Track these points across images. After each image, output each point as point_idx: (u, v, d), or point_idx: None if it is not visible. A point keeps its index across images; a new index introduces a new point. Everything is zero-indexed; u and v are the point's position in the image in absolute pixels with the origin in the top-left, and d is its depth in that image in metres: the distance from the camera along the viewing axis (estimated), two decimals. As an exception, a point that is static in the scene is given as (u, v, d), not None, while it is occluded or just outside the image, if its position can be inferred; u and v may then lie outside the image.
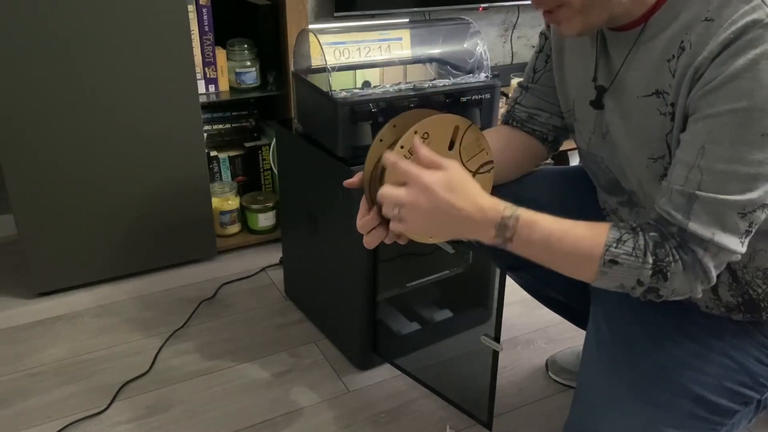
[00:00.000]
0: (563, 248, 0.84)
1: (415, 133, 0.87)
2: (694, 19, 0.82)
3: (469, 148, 0.91)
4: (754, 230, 0.81)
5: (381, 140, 0.91)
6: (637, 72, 0.90)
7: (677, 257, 0.81)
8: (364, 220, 0.92)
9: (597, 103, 0.97)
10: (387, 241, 0.94)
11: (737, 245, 0.81)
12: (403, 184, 0.84)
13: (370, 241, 0.94)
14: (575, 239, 0.84)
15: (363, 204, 0.94)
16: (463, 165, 0.90)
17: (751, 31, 0.76)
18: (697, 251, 0.80)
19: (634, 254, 0.81)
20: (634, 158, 0.93)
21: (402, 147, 0.87)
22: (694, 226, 0.80)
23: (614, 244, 0.82)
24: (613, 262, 0.82)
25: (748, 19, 0.76)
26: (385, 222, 0.91)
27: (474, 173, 0.92)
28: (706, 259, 0.81)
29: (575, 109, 1.05)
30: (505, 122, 1.19)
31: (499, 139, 1.15)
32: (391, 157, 0.86)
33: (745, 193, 0.78)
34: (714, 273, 0.82)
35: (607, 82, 0.95)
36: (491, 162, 0.93)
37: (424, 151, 0.85)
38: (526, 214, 0.84)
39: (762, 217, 0.80)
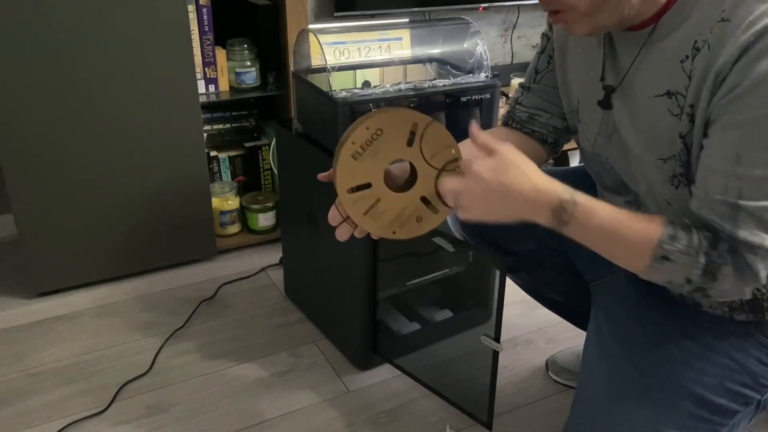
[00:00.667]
0: (617, 239, 0.84)
1: (367, 129, 0.87)
2: (708, 19, 0.81)
3: (433, 145, 0.90)
4: None
5: (347, 138, 0.91)
6: (647, 72, 0.89)
7: (729, 260, 0.81)
8: (333, 212, 0.94)
9: (605, 103, 0.97)
10: (357, 235, 0.94)
11: None
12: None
13: (340, 234, 0.95)
14: (631, 230, 0.83)
15: (337, 200, 0.94)
16: (426, 162, 0.90)
17: None
18: (748, 256, 0.81)
19: (687, 253, 0.81)
20: (643, 158, 0.92)
21: (353, 143, 0.87)
22: (744, 234, 0.80)
23: (668, 241, 0.82)
24: (665, 258, 0.82)
25: (767, 21, 0.75)
26: (351, 221, 0.93)
27: (440, 170, 0.91)
28: (756, 262, 0.81)
29: (579, 110, 1.05)
30: (505, 123, 1.19)
31: (499, 140, 1.15)
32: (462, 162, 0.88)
33: None
34: (763, 276, 0.82)
35: (615, 81, 0.95)
36: (458, 159, 0.92)
37: (482, 138, 0.87)
38: (583, 199, 0.84)
39: None
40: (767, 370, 0.95)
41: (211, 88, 1.91)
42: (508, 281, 1.24)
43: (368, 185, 0.89)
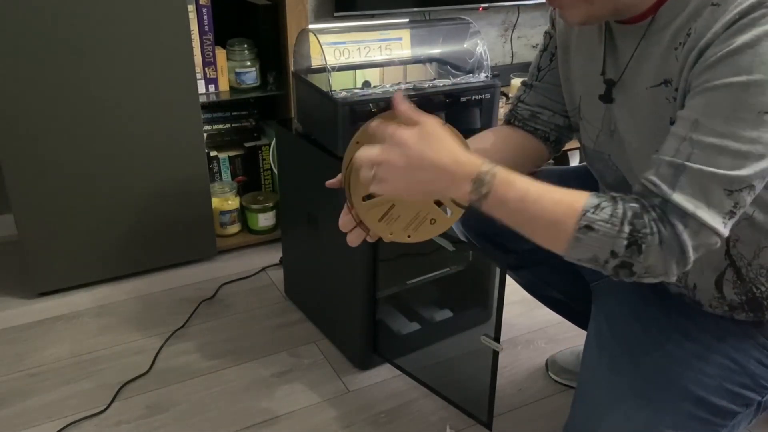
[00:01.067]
0: (538, 209, 0.81)
1: (357, 143, 0.88)
2: (702, 7, 0.81)
3: None
4: (738, 214, 0.79)
5: (357, 142, 0.91)
6: (646, 64, 0.89)
7: (655, 230, 0.78)
8: (344, 219, 0.93)
9: (606, 97, 0.97)
10: (369, 240, 0.94)
11: (719, 224, 0.77)
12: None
13: (352, 240, 0.94)
14: (552, 201, 0.81)
15: (346, 203, 0.94)
16: None
17: (755, 11, 0.75)
18: (677, 225, 0.77)
19: (610, 222, 0.78)
20: (642, 153, 0.92)
21: (357, 143, 0.88)
22: (678, 197, 0.77)
23: (591, 210, 0.79)
24: (589, 228, 0.79)
25: (754, 0, 0.76)
26: (365, 227, 0.92)
27: None
28: (685, 235, 0.77)
29: (581, 107, 1.05)
30: (507, 122, 1.19)
31: (499, 139, 1.15)
32: (371, 124, 0.85)
33: (734, 169, 0.76)
34: (691, 253, 0.78)
35: (615, 75, 0.95)
36: None
37: (403, 107, 0.84)
38: (504, 171, 0.81)
39: (748, 200, 0.78)
40: (767, 371, 0.95)
41: (211, 88, 1.91)
42: (509, 281, 1.24)
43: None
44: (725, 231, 0.78)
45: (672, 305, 1.01)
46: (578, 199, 0.80)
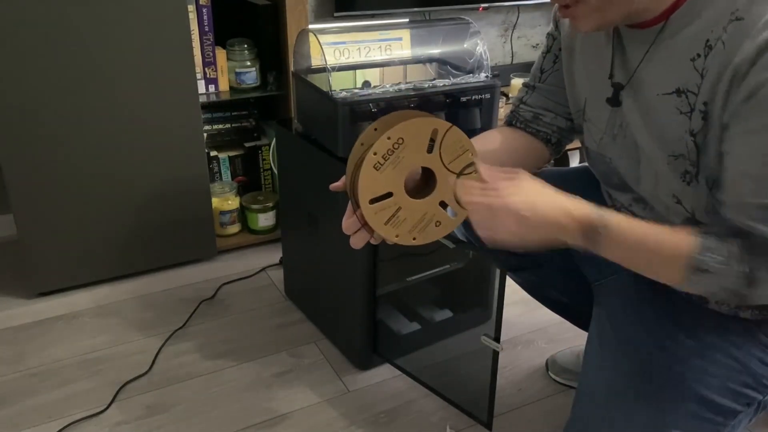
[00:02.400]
0: (650, 256, 0.84)
1: (388, 138, 0.86)
2: (720, 17, 0.81)
3: (451, 149, 0.89)
4: None
5: (362, 144, 0.91)
6: (656, 70, 0.89)
7: (764, 263, 0.79)
8: (348, 221, 0.93)
9: (614, 100, 0.97)
10: (373, 242, 0.94)
11: None
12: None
13: (355, 242, 0.94)
14: (662, 247, 0.83)
15: (349, 206, 0.94)
16: (446, 167, 0.90)
17: None
18: None
19: (723, 262, 0.80)
20: (654, 155, 0.92)
21: (375, 153, 0.86)
22: None
23: (702, 252, 0.81)
24: (701, 270, 0.81)
25: None
26: (367, 223, 0.92)
27: (458, 174, 0.91)
28: None
29: (586, 109, 1.05)
30: (509, 123, 1.19)
31: (500, 140, 1.15)
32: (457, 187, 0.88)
33: None
34: None
35: (624, 79, 0.95)
36: (476, 162, 0.93)
37: (486, 172, 0.86)
38: (613, 218, 0.83)
39: None
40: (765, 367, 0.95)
41: (211, 88, 1.91)
42: (509, 281, 1.24)
43: (389, 194, 0.88)
44: None
45: (674, 305, 1.01)
46: (687, 241, 0.82)
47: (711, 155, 0.85)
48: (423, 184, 0.92)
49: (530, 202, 0.83)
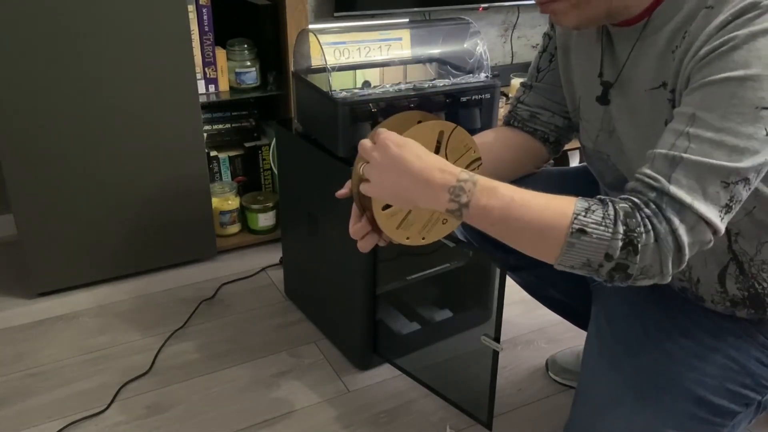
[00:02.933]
0: (526, 217, 0.78)
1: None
2: (696, 9, 0.82)
3: (456, 149, 0.90)
4: (734, 210, 0.78)
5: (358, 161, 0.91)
6: (643, 66, 0.90)
7: (649, 227, 0.76)
8: (356, 226, 0.93)
9: (603, 99, 0.97)
10: (381, 245, 0.94)
11: (716, 218, 0.76)
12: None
13: (363, 246, 0.94)
14: (540, 207, 0.78)
15: (354, 210, 0.94)
16: None
17: (750, 11, 0.76)
18: (673, 220, 0.75)
19: (603, 223, 0.76)
20: (641, 154, 0.92)
21: None
22: (674, 189, 0.75)
23: (582, 213, 0.77)
24: (582, 231, 0.76)
25: (748, 1, 0.76)
26: (376, 227, 0.92)
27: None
28: (681, 230, 0.75)
29: (581, 108, 1.05)
30: (507, 123, 1.19)
31: (499, 139, 1.15)
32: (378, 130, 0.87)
33: (731, 162, 0.75)
34: (687, 250, 0.76)
35: (612, 77, 0.95)
36: (479, 159, 0.93)
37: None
38: (484, 179, 0.80)
39: (743, 194, 0.78)
40: (767, 371, 0.95)
41: (211, 88, 1.91)
42: (509, 280, 1.24)
43: None
44: (721, 225, 0.77)
45: (673, 305, 1.01)
46: (567, 204, 0.78)
47: None
48: None
49: (401, 154, 0.81)
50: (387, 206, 0.89)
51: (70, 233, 1.75)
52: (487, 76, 1.49)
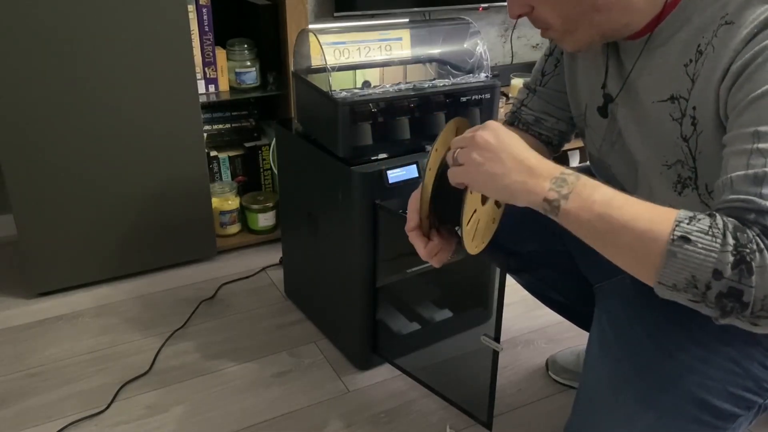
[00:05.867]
0: (626, 217, 0.71)
1: (436, 150, 0.91)
2: (710, 22, 0.81)
3: None
4: None
5: (429, 169, 0.93)
6: (650, 77, 0.89)
7: (762, 246, 0.66)
8: (429, 246, 0.96)
9: (603, 111, 0.97)
10: (451, 258, 0.97)
11: None
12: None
13: (438, 261, 0.98)
14: (641, 209, 0.72)
15: (417, 239, 0.97)
16: None
17: None
18: None
19: (711, 232, 0.68)
20: (649, 165, 0.93)
21: (437, 150, 0.92)
22: None
23: (686, 220, 0.69)
24: (685, 239, 0.68)
25: None
26: (444, 243, 0.96)
27: None
28: None
29: (587, 115, 1.05)
30: (510, 123, 1.19)
31: None
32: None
33: None
34: None
35: (616, 89, 0.95)
36: None
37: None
38: (587, 176, 0.77)
39: None
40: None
41: (211, 88, 1.91)
42: (509, 280, 1.24)
43: (474, 211, 0.91)
44: None
45: (675, 307, 1.00)
46: (669, 210, 0.72)
47: (708, 160, 0.85)
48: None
49: (504, 140, 0.81)
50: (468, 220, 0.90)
51: (70, 233, 1.75)
52: (487, 76, 1.49)
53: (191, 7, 1.76)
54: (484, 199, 0.92)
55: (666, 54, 0.87)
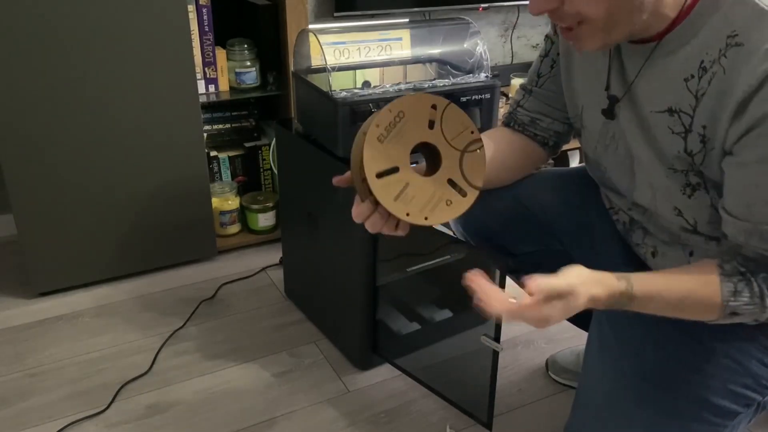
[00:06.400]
0: (683, 312, 0.86)
1: (390, 111, 0.85)
2: (716, 39, 0.81)
3: (452, 126, 0.89)
4: None
5: (364, 133, 0.90)
6: (651, 86, 0.89)
7: None
8: (358, 208, 0.91)
9: (609, 113, 0.97)
10: (386, 231, 0.91)
11: None
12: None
13: (372, 226, 0.93)
14: (693, 302, 0.85)
15: (357, 199, 0.93)
16: (449, 143, 0.89)
17: None
18: None
19: (752, 302, 0.83)
20: (652, 167, 0.92)
21: (378, 126, 0.85)
22: None
23: (732, 299, 0.83)
24: (734, 314, 0.84)
25: None
26: (382, 209, 0.90)
27: (462, 151, 0.90)
28: None
29: (584, 116, 1.05)
30: (506, 124, 1.19)
31: (501, 142, 1.15)
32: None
33: None
34: None
35: (620, 92, 0.95)
36: (480, 140, 0.91)
37: (536, 286, 0.86)
38: (638, 285, 0.84)
39: None
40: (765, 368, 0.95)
41: (211, 88, 1.91)
42: (509, 280, 1.24)
43: (396, 169, 0.87)
44: None
45: None
46: (715, 291, 0.84)
47: (715, 171, 0.86)
48: (432, 164, 0.91)
49: (569, 309, 0.84)
50: (382, 174, 0.87)
51: (70, 233, 1.75)
52: (487, 76, 1.49)
53: (191, 7, 1.76)
54: (425, 172, 0.89)
55: (667, 65, 0.86)
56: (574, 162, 2.47)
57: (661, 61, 0.87)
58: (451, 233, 1.35)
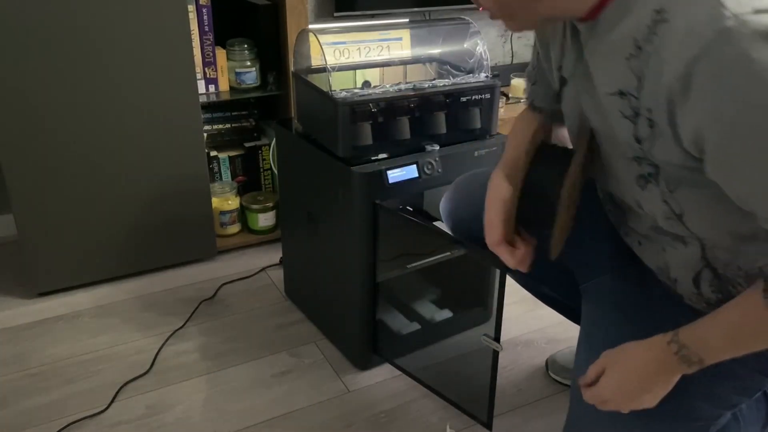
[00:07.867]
0: (748, 341, 0.84)
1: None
2: (645, 15, 0.75)
3: None
4: None
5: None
6: (600, 67, 0.85)
7: None
8: (519, 255, 1.02)
9: (557, 95, 0.96)
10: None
11: None
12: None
13: (526, 266, 1.03)
14: (749, 332, 0.83)
15: (504, 251, 1.02)
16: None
17: (718, 48, 0.67)
18: None
19: None
20: (611, 155, 0.90)
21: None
22: None
23: None
24: None
25: (710, 30, 0.67)
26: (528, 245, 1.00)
27: None
28: None
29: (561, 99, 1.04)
30: (531, 107, 1.17)
31: (537, 124, 1.14)
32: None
33: None
34: None
35: (569, 71, 0.92)
36: None
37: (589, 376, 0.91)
38: (683, 330, 0.85)
39: None
40: (751, 373, 0.94)
41: (211, 88, 1.91)
42: (509, 281, 1.24)
43: None
44: None
45: (656, 305, 1.00)
46: (759, 304, 0.80)
47: (666, 160, 0.81)
48: None
49: (625, 379, 0.88)
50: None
51: (70, 233, 1.75)
52: (487, 76, 1.49)
53: (191, 7, 1.76)
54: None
55: (609, 43, 0.81)
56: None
57: (604, 38, 0.82)
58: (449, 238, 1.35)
